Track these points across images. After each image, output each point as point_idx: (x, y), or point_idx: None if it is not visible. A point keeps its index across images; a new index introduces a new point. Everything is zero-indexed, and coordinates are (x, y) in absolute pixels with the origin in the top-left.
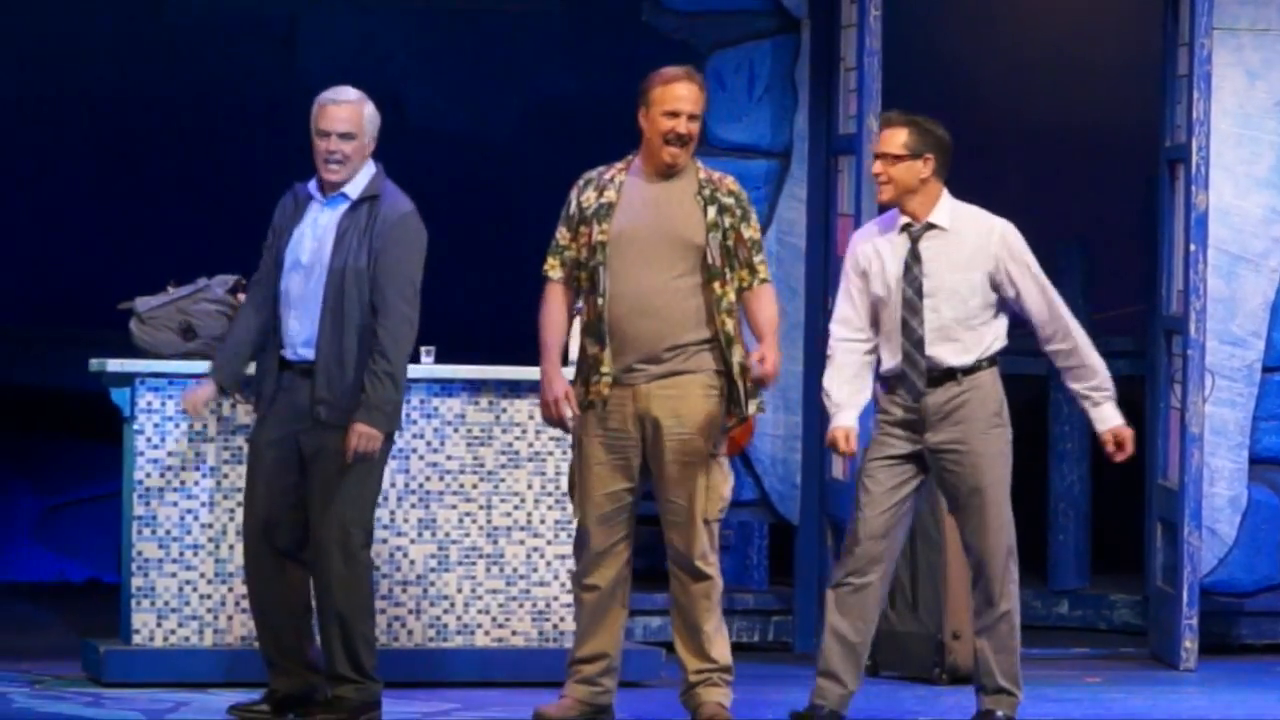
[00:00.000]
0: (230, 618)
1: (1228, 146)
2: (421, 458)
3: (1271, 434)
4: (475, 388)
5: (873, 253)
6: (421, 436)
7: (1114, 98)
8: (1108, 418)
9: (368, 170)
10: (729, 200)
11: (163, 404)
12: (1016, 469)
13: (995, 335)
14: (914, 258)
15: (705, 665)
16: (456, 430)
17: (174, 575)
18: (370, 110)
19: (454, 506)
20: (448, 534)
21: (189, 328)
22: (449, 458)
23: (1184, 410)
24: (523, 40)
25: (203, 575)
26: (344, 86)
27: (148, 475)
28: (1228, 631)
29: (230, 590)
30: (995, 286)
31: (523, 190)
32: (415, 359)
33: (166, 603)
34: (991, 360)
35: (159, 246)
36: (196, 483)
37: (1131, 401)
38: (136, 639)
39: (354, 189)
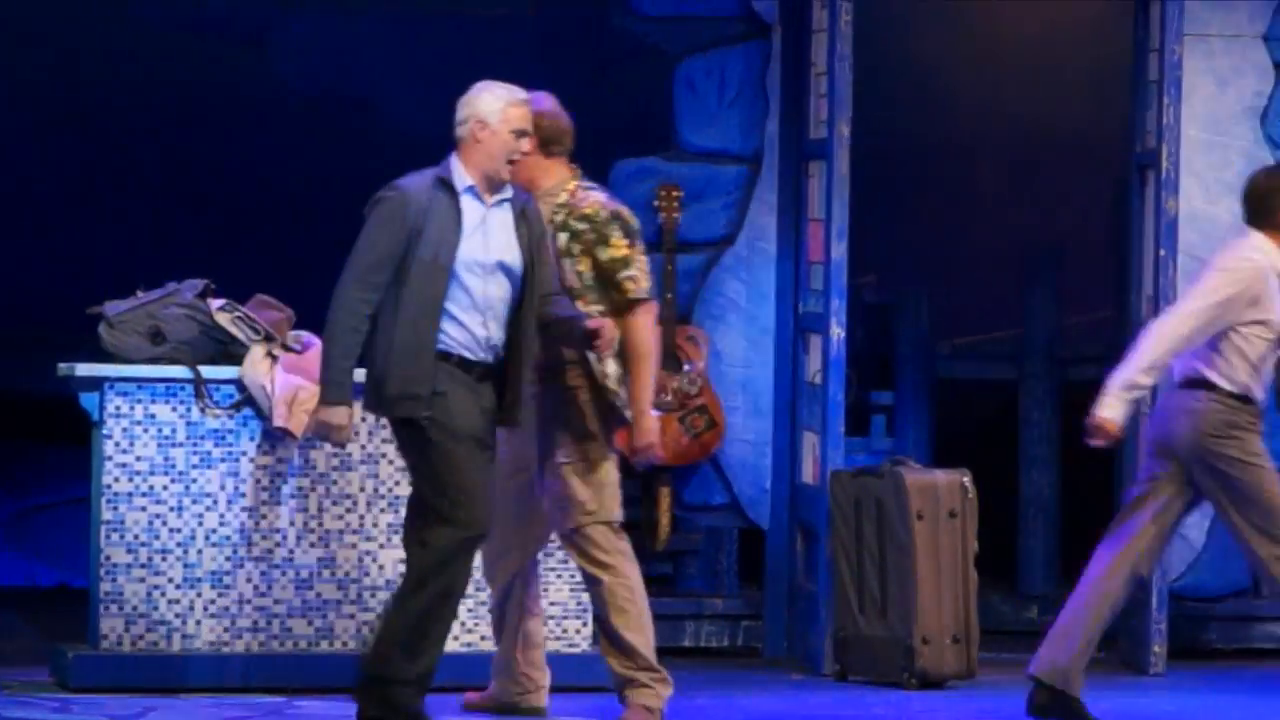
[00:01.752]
0: (199, 622)
1: (1198, 152)
2: (391, 462)
3: None
4: None
5: None
6: (391, 441)
7: (1085, 103)
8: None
9: None
10: (582, 226)
11: (131, 408)
12: (986, 474)
13: None
14: None
15: (625, 665)
16: None
17: (142, 580)
18: None
19: None
20: None
21: (158, 332)
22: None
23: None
24: (493, 45)
25: (171, 580)
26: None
27: (116, 480)
28: (1196, 636)
29: (199, 595)
30: None
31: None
32: None
33: (135, 608)
34: None
35: (129, 250)
36: (165, 487)
37: None
38: (105, 644)
39: (509, 189)
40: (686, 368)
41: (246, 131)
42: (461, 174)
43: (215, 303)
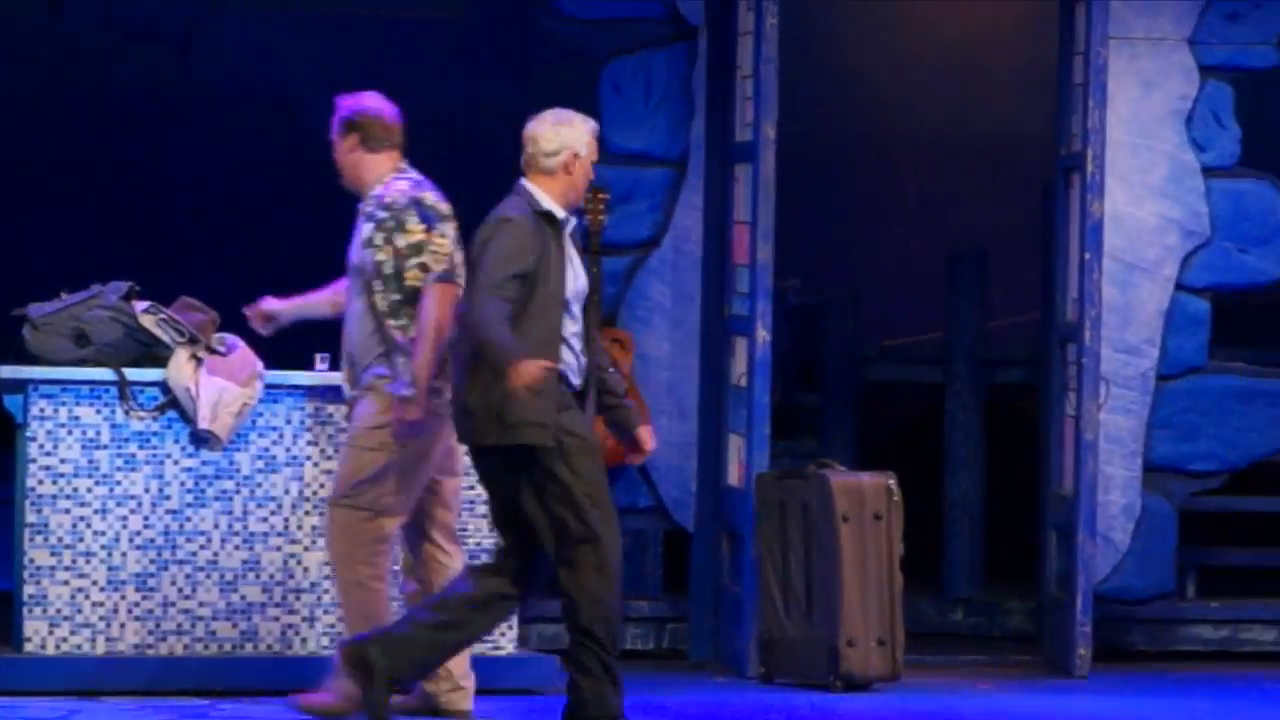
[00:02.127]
0: (123, 625)
1: (1123, 155)
2: (316, 465)
3: (1165, 442)
4: None
5: None
6: (316, 444)
7: (1010, 106)
8: None
9: None
10: (383, 214)
11: (55, 411)
12: (911, 476)
13: None
14: None
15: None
16: None
17: (66, 583)
18: None
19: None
20: None
21: (82, 334)
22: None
23: (1079, 418)
24: (418, 46)
25: (95, 583)
26: None
27: (40, 482)
28: (1121, 639)
29: (123, 598)
30: None
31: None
32: None
33: (59, 610)
34: None
35: (51, 252)
36: (89, 490)
37: (1027, 409)
38: (29, 646)
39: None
40: (611, 370)
41: (169, 132)
42: (554, 204)
43: (140, 305)
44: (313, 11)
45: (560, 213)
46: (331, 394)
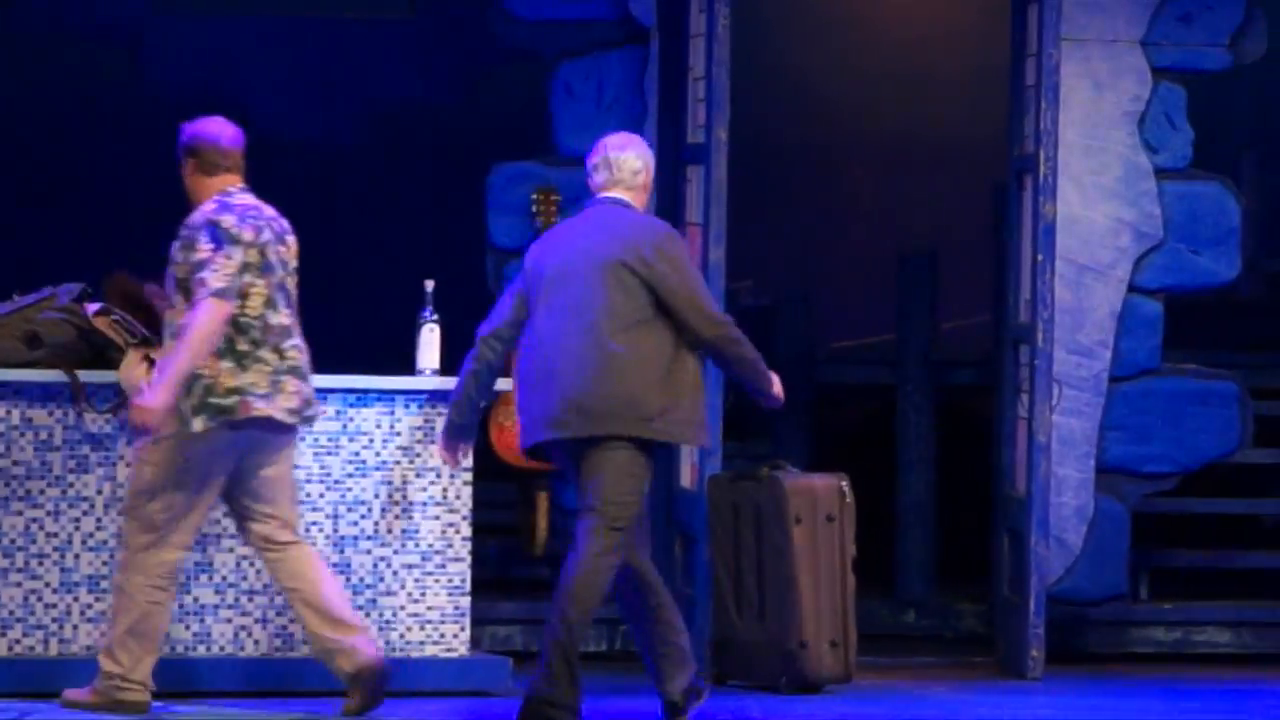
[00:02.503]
0: (75, 627)
1: (1075, 157)
2: None
3: (1118, 444)
4: (321, 396)
5: None
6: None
7: (962, 108)
8: None
9: None
10: (184, 232)
11: (8, 413)
12: (863, 478)
13: None
14: None
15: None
16: (303, 439)
17: (19, 585)
18: None
19: (301, 515)
20: None
21: (35, 336)
22: (295, 467)
23: (1031, 420)
24: (370, 49)
25: (48, 585)
26: None
27: None
28: (1074, 640)
29: (75, 600)
30: None
31: (369, 198)
32: None
33: (11, 612)
34: None
35: (2, 254)
36: (42, 491)
37: (979, 411)
38: None
39: None
40: None
41: (118, 135)
42: None
43: (92, 307)
44: (263, 14)
45: None
46: None
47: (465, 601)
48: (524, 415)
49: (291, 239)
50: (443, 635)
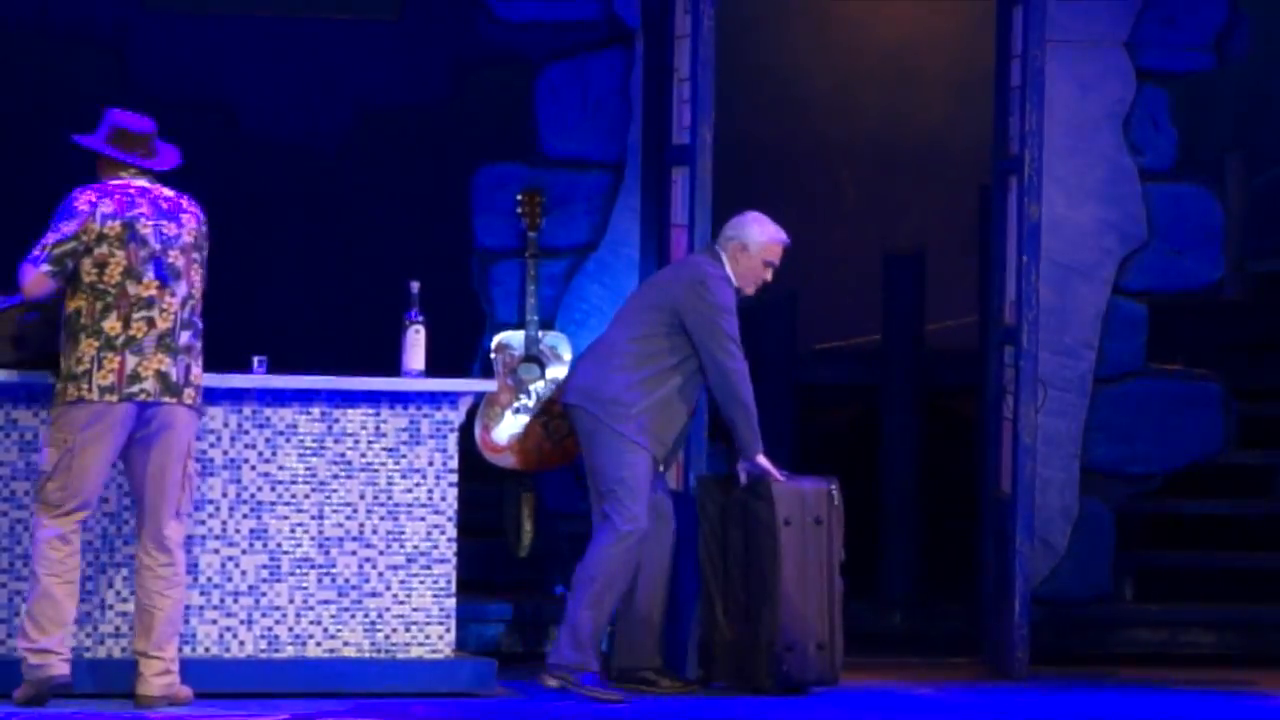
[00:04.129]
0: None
1: (1060, 158)
2: (253, 468)
3: (1103, 445)
4: (307, 398)
5: None
6: (253, 447)
7: (948, 108)
8: None
9: None
10: None
11: None
12: (847, 477)
13: None
14: None
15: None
16: (289, 440)
17: (4, 585)
18: None
19: (286, 517)
20: (279, 544)
21: (19, 338)
22: (281, 468)
23: (1016, 421)
24: (356, 50)
25: None
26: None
27: None
28: (1059, 641)
29: None
30: None
31: (355, 198)
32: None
33: None
34: None
35: None
36: (26, 492)
37: (964, 411)
38: None
39: None
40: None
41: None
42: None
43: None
44: (249, 14)
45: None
46: (269, 396)
47: (451, 603)
48: None
49: (187, 217)
50: (428, 636)
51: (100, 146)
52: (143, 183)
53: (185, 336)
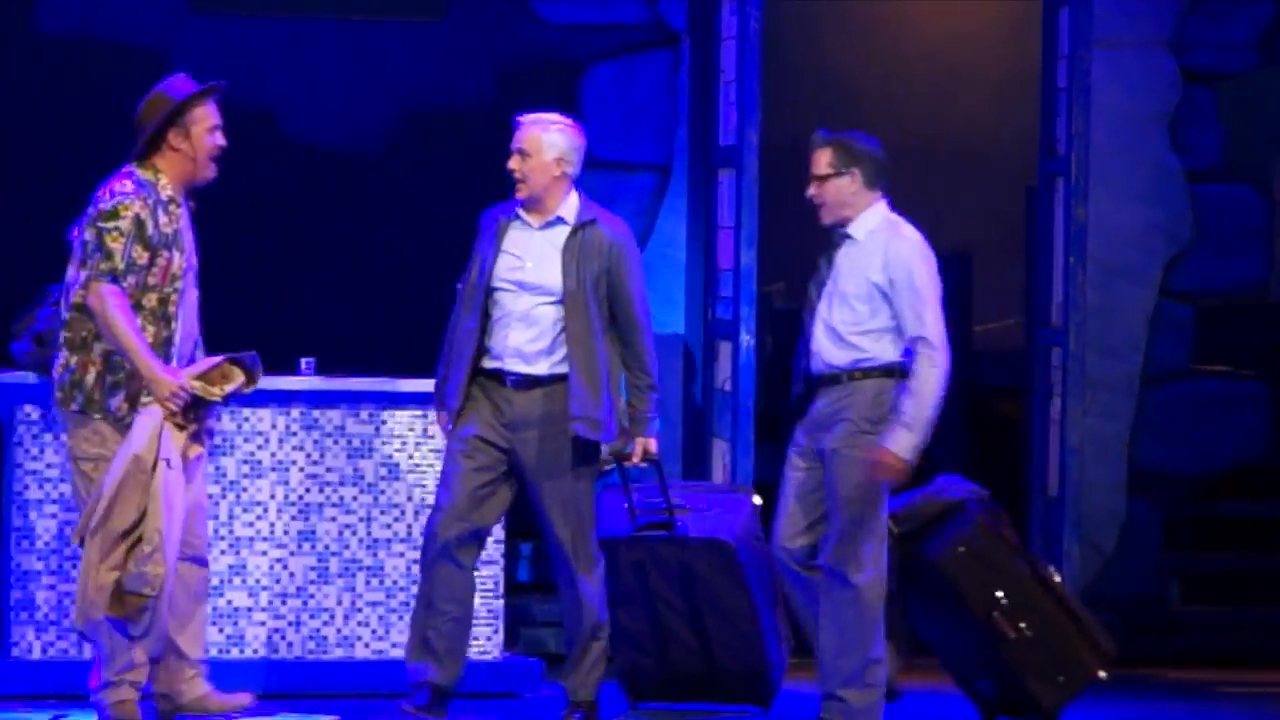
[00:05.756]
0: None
1: (1106, 159)
2: (301, 469)
3: (1150, 446)
4: (355, 400)
5: None
6: (301, 448)
7: (994, 109)
8: (884, 437)
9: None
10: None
11: (40, 416)
12: None
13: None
14: (827, 262)
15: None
16: (336, 442)
17: (53, 587)
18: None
19: (334, 519)
20: (328, 546)
21: (40, 336)
22: (329, 470)
23: (1063, 422)
24: (402, 52)
25: None
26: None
27: (25, 487)
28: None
29: None
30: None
31: (399, 202)
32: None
33: (45, 615)
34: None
35: (29, 262)
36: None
37: (1010, 413)
38: (15, 651)
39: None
40: None
41: None
42: None
43: None
44: (294, 17)
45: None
46: (317, 398)
47: (499, 604)
48: None
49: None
50: (476, 637)
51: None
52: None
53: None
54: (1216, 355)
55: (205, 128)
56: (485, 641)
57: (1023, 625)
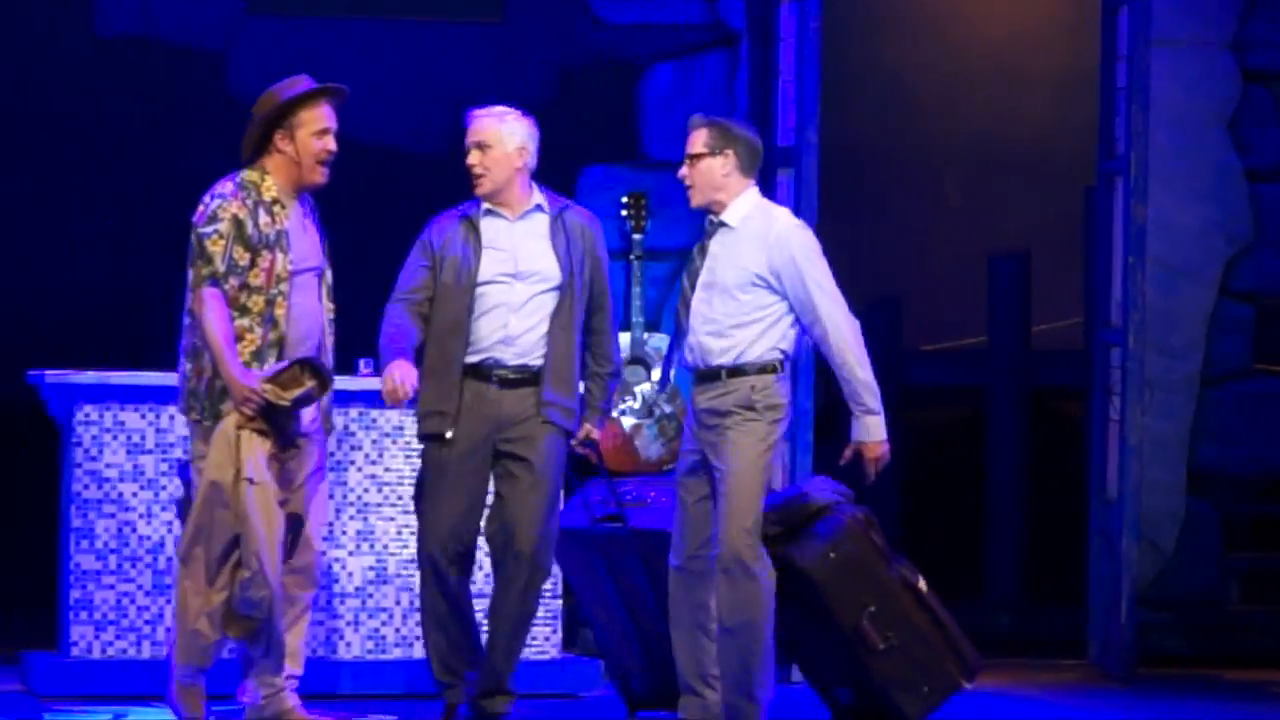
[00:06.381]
0: (168, 629)
1: (1165, 159)
2: (360, 469)
3: (1209, 446)
4: (413, 400)
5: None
6: (360, 448)
7: (1053, 108)
8: (857, 431)
9: None
10: None
11: (100, 415)
12: (953, 479)
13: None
14: (700, 252)
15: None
16: (395, 442)
17: (112, 587)
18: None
19: (392, 519)
20: (386, 546)
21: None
22: (387, 470)
23: (1123, 422)
24: (460, 54)
25: (140, 587)
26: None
27: (85, 487)
28: (1165, 643)
29: (168, 602)
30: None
31: (459, 202)
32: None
33: (104, 615)
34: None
35: (88, 262)
36: (134, 494)
37: (1069, 413)
38: (75, 651)
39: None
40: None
41: (205, 144)
42: None
43: None
44: (352, 18)
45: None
46: (375, 398)
47: (557, 604)
48: None
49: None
50: (534, 637)
51: None
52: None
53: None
54: (1277, 355)
55: (311, 131)
56: (544, 641)
57: (890, 635)
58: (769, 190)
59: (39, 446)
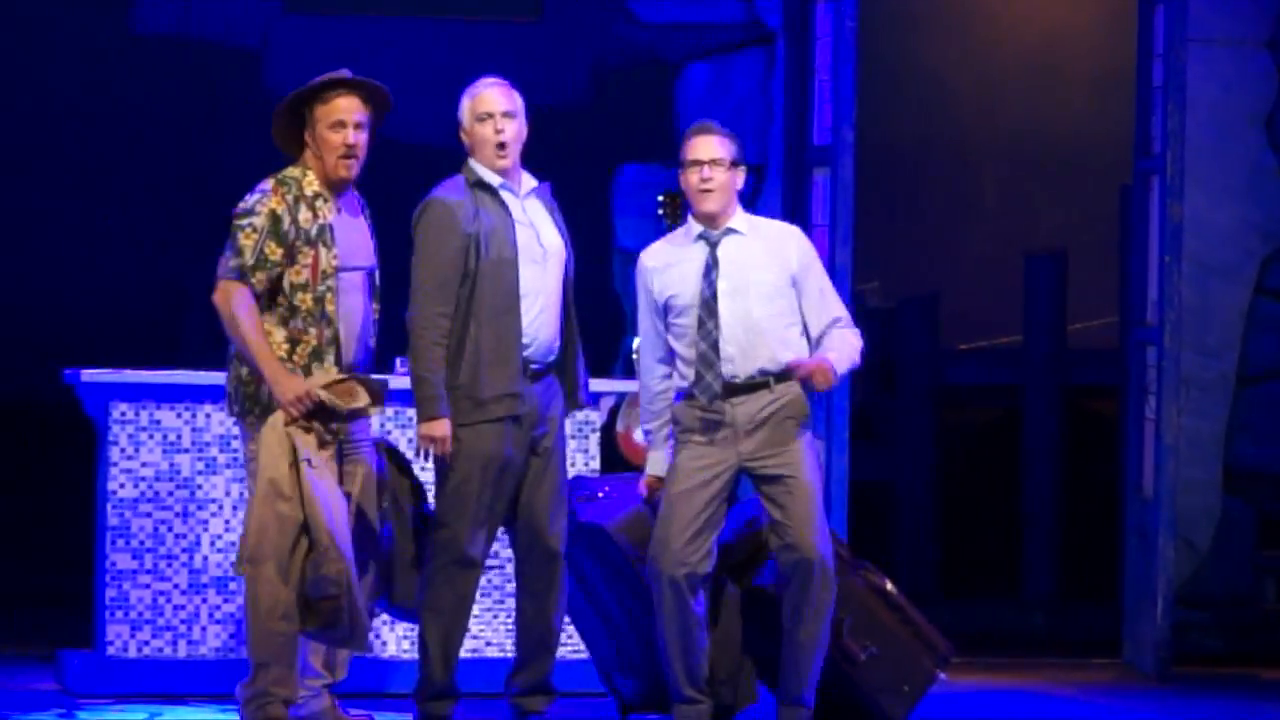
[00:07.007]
0: (204, 628)
1: (1202, 158)
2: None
3: (1245, 445)
4: None
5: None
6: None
7: (1089, 107)
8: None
9: None
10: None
11: (136, 414)
12: (988, 477)
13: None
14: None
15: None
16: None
17: (148, 586)
18: None
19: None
20: None
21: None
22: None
23: (1158, 421)
24: (497, 52)
25: (176, 586)
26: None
27: (121, 486)
28: (1201, 642)
29: (204, 601)
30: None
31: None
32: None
33: (140, 614)
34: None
35: (124, 261)
36: (170, 493)
37: (1105, 411)
38: (110, 650)
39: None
40: None
41: (242, 142)
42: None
43: None
44: (389, 16)
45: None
46: (410, 397)
47: None
48: None
49: None
50: (570, 636)
51: None
52: None
53: None
54: None
55: (327, 124)
56: (579, 640)
57: (868, 643)
58: (805, 190)
59: (75, 445)
